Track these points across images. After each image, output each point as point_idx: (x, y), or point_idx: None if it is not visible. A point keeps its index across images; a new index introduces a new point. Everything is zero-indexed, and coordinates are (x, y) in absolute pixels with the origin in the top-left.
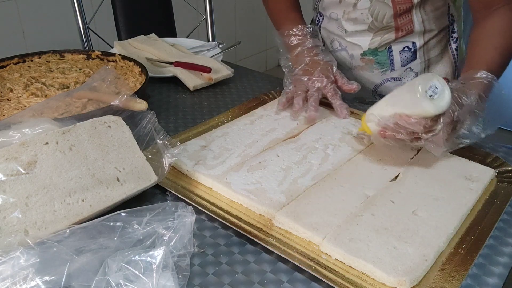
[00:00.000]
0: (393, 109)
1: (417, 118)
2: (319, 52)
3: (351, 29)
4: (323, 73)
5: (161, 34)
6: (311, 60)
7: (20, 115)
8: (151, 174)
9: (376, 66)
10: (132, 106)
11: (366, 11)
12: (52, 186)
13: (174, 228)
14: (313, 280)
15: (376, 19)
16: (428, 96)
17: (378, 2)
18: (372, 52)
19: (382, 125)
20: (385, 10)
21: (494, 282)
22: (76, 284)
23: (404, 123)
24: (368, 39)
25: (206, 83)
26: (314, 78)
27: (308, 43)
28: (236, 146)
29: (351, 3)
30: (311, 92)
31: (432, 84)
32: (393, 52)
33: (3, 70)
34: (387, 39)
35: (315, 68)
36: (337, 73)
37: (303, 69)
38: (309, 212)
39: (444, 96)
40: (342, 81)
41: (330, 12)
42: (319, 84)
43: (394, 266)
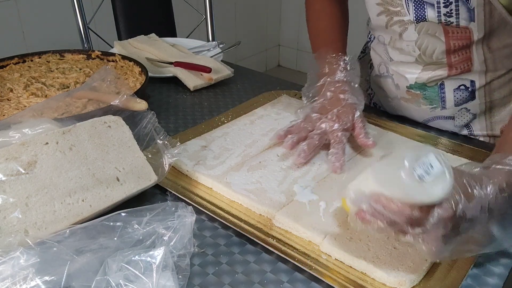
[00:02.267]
0: (373, 186)
1: (399, 205)
2: (347, 89)
3: (397, 58)
4: (339, 116)
5: (161, 34)
6: (334, 97)
7: (20, 115)
8: (151, 174)
9: (424, 102)
10: (132, 106)
11: (413, 43)
12: (52, 186)
13: (174, 228)
14: (313, 280)
15: (424, 53)
16: (416, 177)
17: (428, 35)
18: (420, 86)
19: (355, 205)
20: (436, 45)
21: (494, 282)
22: (76, 284)
23: (381, 208)
24: (416, 72)
25: (206, 83)
26: (324, 119)
27: (338, 75)
28: (236, 146)
29: (396, 31)
30: (311, 134)
31: (425, 161)
32: (446, 89)
33: (3, 70)
34: (439, 75)
35: (334, 107)
36: (358, 120)
37: (321, 104)
38: (309, 212)
39: (442, 180)
40: (359, 131)
41: (378, 35)
42: (327, 127)
43: (394, 266)
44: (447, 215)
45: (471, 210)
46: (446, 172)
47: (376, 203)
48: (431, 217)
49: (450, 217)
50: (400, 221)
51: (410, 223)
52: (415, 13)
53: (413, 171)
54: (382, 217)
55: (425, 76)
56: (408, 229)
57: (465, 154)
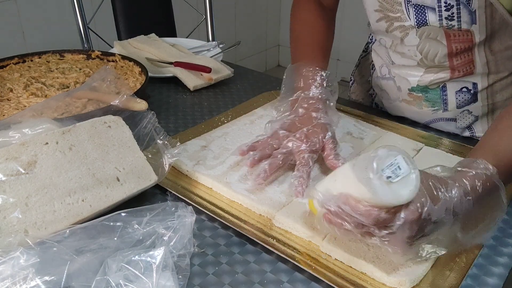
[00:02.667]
0: (341, 187)
1: (368, 206)
2: (320, 107)
3: (399, 62)
4: (309, 136)
5: (161, 34)
6: (306, 114)
7: (20, 115)
8: (151, 174)
9: (426, 104)
10: (132, 106)
11: (414, 48)
12: (52, 186)
13: (174, 228)
14: (313, 280)
15: (426, 57)
16: (384, 178)
17: (429, 39)
18: (422, 89)
19: (323, 206)
20: (438, 49)
21: (494, 282)
22: (76, 284)
23: (348, 209)
24: (418, 75)
25: (206, 83)
26: (292, 138)
27: (312, 91)
28: (236, 146)
29: (397, 36)
30: (276, 153)
31: (393, 162)
32: (448, 92)
33: (3, 70)
34: (441, 78)
35: (304, 125)
36: (329, 141)
37: (291, 120)
38: (309, 212)
39: (408, 181)
40: (329, 152)
41: (380, 38)
42: (294, 147)
43: (394, 266)
44: (412, 217)
45: (437, 212)
46: (413, 174)
47: (344, 204)
48: (397, 219)
49: (416, 219)
50: (367, 223)
51: (377, 225)
52: (416, 18)
53: (381, 172)
54: (350, 218)
55: (427, 79)
56: (375, 231)
57: (466, 154)
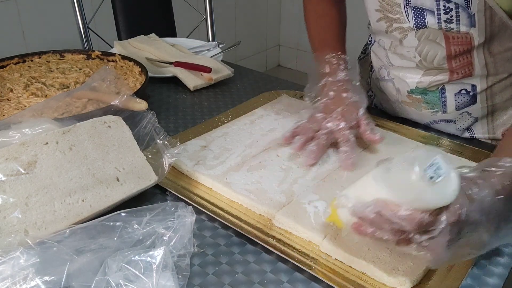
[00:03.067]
0: (375, 192)
1: (410, 210)
2: (349, 88)
3: (398, 63)
4: (344, 114)
5: (161, 34)
6: (336, 96)
7: (20, 115)
8: (151, 174)
9: (425, 106)
10: (132, 106)
11: (413, 49)
12: (52, 186)
13: (174, 228)
14: (313, 280)
15: (425, 59)
16: (428, 179)
17: (428, 41)
18: (421, 91)
19: (358, 214)
20: (436, 51)
21: (494, 282)
22: (76, 284)
23: (391, 214)
24: (417, 77)
25: (206, 83)
26: (330, 118)
27: (339, 74)
28: (236, 146)
29: (397, 37)
30: (318, 134)
31: (434, 163)
32: (447, 94)
33: (3, 70)
34: (440, 80)
35: (338, 106)
36: (363, 117)
37: (325, 103)
38: (309, 212)
39: (450, 181)
40: (365, 128)
41: (379, 39)
42: (334, 126)
43: (394, 266)
44: (454, 219)
45: (474, 213)
46: (453, 173)
47: (384, 209)
48: (439, 223)
49: (456, 221)
50: (409, 228)
51: (419, 230)
52: (414, 20)
53: (424, 174)
54: (388, 225)
55: (426, 81)
56: (414, 236)
57: (466, 155)
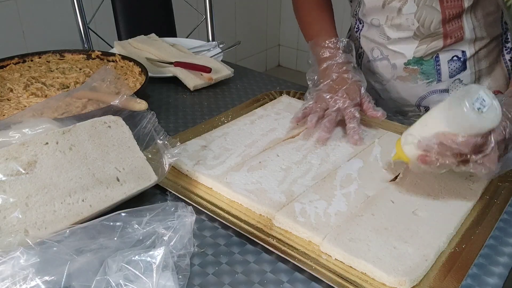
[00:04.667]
0: (434, 128)
1: (465, 136)
2: (350, 69)
3: (395, 36)
4: (348, 93)
5: (161, 34)
6: (339, 77)
7: (20, 115)
8: (151, 174)
9: (421, 77)
10: (132, 106)
11: (412, 16)
12: (52, 186)
13: (174, 228)
14: (313, 280)
15: (422, 25)
16: (476, 110)
17: (426, 6)
18: (417, 61)
19: (423, 147)
20: (433, 15)
21: (494, 282)
22: (76, 284)
23: (451, 142)
24: (413, 47)
25: (206, 83)
26: (336, 97)
27: (339, 58)
28: (236, 146)
29: (395, 7)
30: (329, 111)
31: (479, 96)
32: (441, 62)
33: (3, 70)
34: (434, 47)
35: (341, 86)
36: (365, 95)
37: (328, 85)
38: (309, 212)
39: (493, 109)
40: (368, 105)
41: (372, 19)
42: (341, 104)
43: (394, 266)
44: (501, 138)
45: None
46: (495, 102)
47: (445, 140)
48: (489, 143)
49: (502, 140)
50: (467, 150)
51: (474, 152)
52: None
53: (472, 106)
54: (450, 151)
55: (422, 49)
56: (471, 157)
57: None
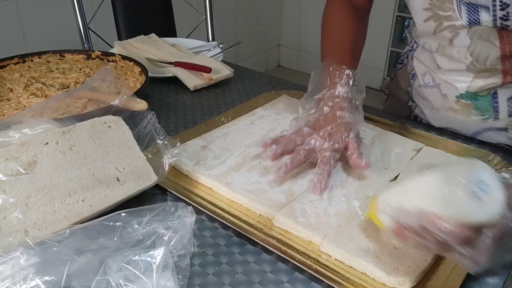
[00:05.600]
0: (419, 202)
1: (454, 224)
2: (345, 106)
3: (446, 66)
4: (332, 135)
5: (161, 34)
6: (331, 113)
7: (20, 115)
8: (151, 174)
9: (475, 112)
10: (132, 106)
11: (465, 49)
12: (52, 186)
13: (174, 228)
14: (313, 280)
15: (477, 59)
16: (472, 195)
17: (481, 40)
18: (471, 96)
19: (400, 223)
20: (490, 51)
21: (494, 282)
22: (76, 284)
23: (435, 228)
24: (467, 81)
25: (206, 83)
26: (314, 136)
27: (338, 90)
28: (236, 146)
29: (446, 37)
30: (298, 149)
31: (481, 179)
32: (499, 99)
33: (3, 70)
34: (492, 83)
35: (328, 124)
36: (353, 140)
37: (315, 119)
38: (309, 212)
39: (496, 197)
40: (352, 151)
41: (424, 42)
42: (316, 144)
43: (394, 266)
44: (499, 234)
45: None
46: (499, 189)
47: (427, 223)
48: (483, 236)
49: (502, 235)
50: (452, 241)
51: (461, 243)
52: (468, 17)
53: (470, 190)
54: (430, 236)
55: (477, 85)
56: (457, 248)
57: (466, 154)
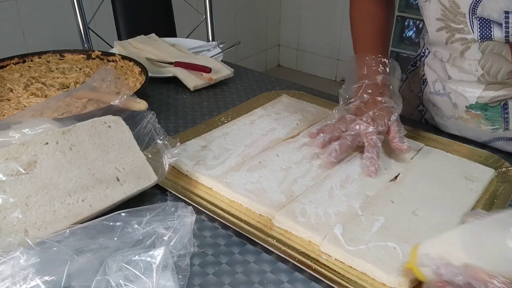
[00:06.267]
0: (465, 255)
1: (503, 281)
2: (385, 92)
3: (456, 77)
4: (375, 119)
5: (161, 34)
6: (371, 99)
7: (20, 115)
8: (151, 174)
9: (485, 122)
10: (132, 106)
11: (476, 62)
12: (52, 186)
13: (174, 228)
14: (313, 280)
15: (488, 73)
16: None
17: (493, 54)
18: (481, 106)
19: (444, 278)
20: (501, 65)
21: None
22: (76, 284)
23: (479, 285)
24: (477, 92)
25: (206, 83)
26: (359, 121)
27: (377, 78)
28: (236, 146)
29: (458, 49)
30: (344, 135)
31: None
32: (509, 110)
33: (3, 70)
34: (503, 95)
35: (369, 109)
36: (394, 123)
37: (356, 106)
38: (309, 212)
39: None
40: (394, 135)
41: (436, 50)
42: (362, 128)
43: (394, 266)
44: None
45: None
46: None
47: (475, 279)
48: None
49: None
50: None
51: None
52: (480, 32)
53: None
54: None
55: (487, 96)
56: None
57: (466, 154)
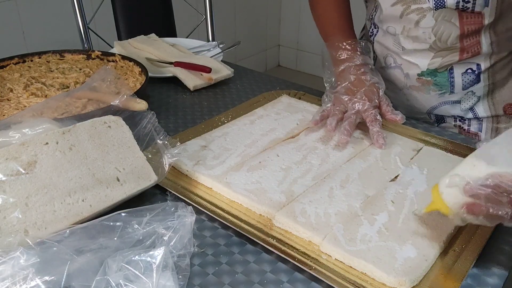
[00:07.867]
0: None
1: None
2: (367, 71)
3: (410, 47)
4: (367, 95)
5: (161, 34)
6: (357, 79)
7: (20, 115)
8: (151, 174)
9: (434, 88)
10: (132, 106)
11: (429, 30)
12: (52, 186)
13: (174, 228)
14: (313, 280)
15: (439, 39)
16: None
17: (444, 21)
18: (431, 73)
19: (472, 191)
20: (451, 30)
21: (494, 282)
22: (76, 284)
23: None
24: (428, 59)
25: (206, 83)
26: (355, 99)
27: (357, 59)
28: (236, 146)
29: (413, 20)
30: (348, 114)
31: None
32: (455, 74)
33: (3, 70)
34: (449, 61)
35: (359, 88)
36: (383, 98)
37: (346, 87)
38: (309, 212)
39: None
40: (386, 108)
41: (388, 26)
42: (360, 106)
43: (394, 266)
44: None
45: None
46: None
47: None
48: None
49: None
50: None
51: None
52: (435, 1)
53: None
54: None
55: (437, 62)
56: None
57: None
